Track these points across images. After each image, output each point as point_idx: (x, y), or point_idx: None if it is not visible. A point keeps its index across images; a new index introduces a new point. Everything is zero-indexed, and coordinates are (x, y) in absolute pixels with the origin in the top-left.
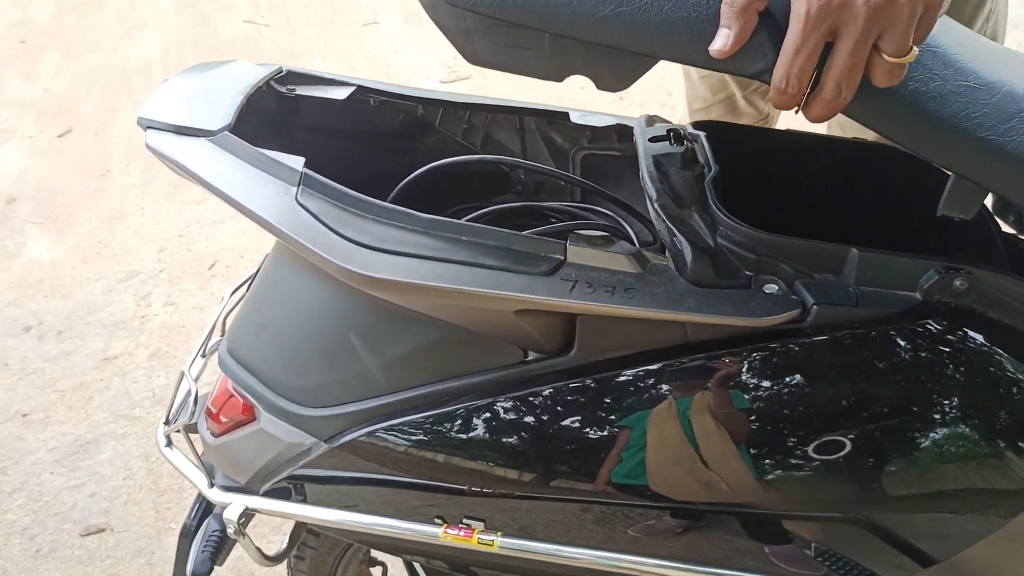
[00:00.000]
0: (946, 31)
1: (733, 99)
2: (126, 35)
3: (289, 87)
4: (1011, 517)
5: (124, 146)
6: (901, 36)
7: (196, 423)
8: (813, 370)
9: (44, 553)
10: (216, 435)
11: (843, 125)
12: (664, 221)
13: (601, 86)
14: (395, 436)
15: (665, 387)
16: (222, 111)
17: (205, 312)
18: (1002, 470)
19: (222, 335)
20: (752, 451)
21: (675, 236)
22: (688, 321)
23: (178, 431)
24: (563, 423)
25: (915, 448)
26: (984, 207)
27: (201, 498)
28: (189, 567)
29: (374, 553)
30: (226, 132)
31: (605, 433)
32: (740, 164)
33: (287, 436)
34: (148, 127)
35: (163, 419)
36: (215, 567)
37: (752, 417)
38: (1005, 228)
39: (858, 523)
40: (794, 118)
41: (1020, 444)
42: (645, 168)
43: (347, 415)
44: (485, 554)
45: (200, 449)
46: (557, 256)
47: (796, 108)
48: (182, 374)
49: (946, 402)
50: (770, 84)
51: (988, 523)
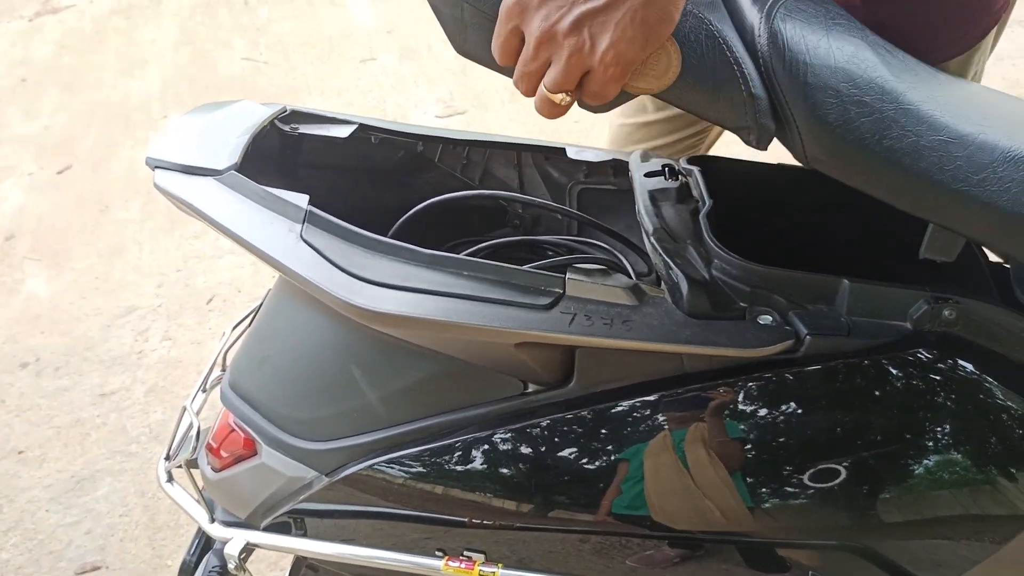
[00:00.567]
0: (917, 87)
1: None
2: (125, 72)
3: (293, 126)
4: (1005, 543)
5: (123, 182)
6: (556, 78)
7: (197, 458)
8: (807, 399)
9: None
10: (217, 470)
11: None
12: (660, 254)
13: (583, 106)
14: (396, 469)
15: (663, 417)
16: (228, 150)
17: (203, 347)
18: (995, 496)
19: (223, 370)
20: (749, 480)
21: (671, 269)
22: (684, 352)
23: (179, 466)
24: (562, 454)
25: (909, 475)
26: None
27: (201, 534)
28: None
29: None
30: (232, 171)
31: (604, 463)
32: (734, 198)
33: (288, 470)
34: (156, 167)
35: (164, 454)
36: None
37: (748, 446)
38: (992, 257)
39: (854, 550)
40: (785, 152)
41: (1012, 470)
42: (641, 203)
43: (348, 448)
44: None
45: (201, 484)
46: (556, 290)
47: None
48: (184, 409)
49: (938, 429)
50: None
51: (982, 549)
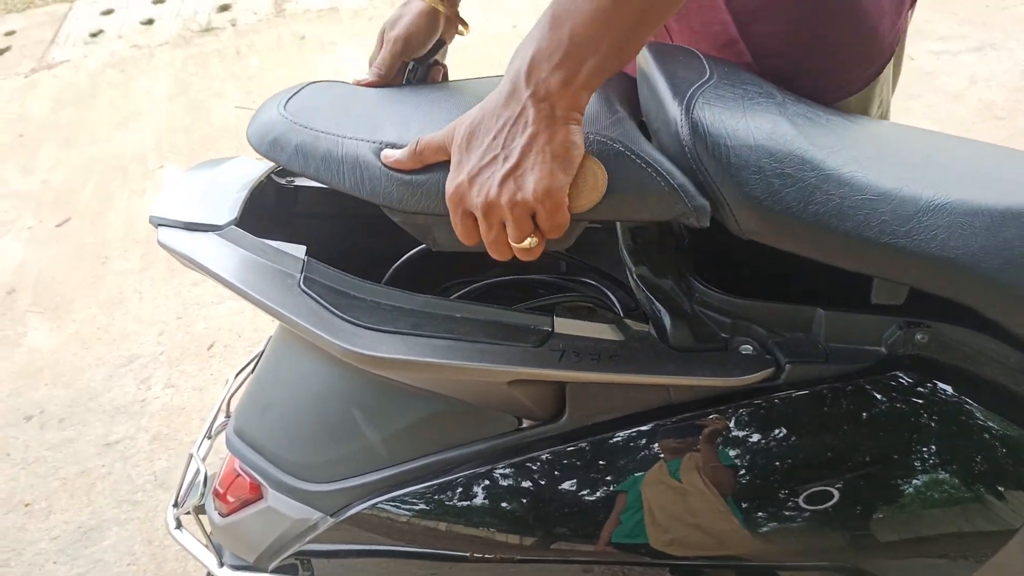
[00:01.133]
0: (838, 150)
1: None
2: (121, 125)
3: (288, 179)
4: (989, 557)
5: (121, 233)
6: (514, 232)
7: (204, 504)
8: (791, 424)
9: None
10: (224, 515)
11: None
12: (643, 290)
13: (552, 246)
14: (398, 507)
15: (653, 447)
16: (227, 206)
17: (205, 393)
18: (979, 512)
19: (227, 416)
20: (741, 505)
21: (654, 304)
22: (670, 384)
23: (187, 513)
24: (559, 486)
25: (894, 495)
26: None
27: None
28: None
29: None
30: (232, 226)
31: (600, 494)
32: (713, 233)
33: (294, 512)
34: (159, 225)
35: (172, 501)
36: None
37: (737, 472)
38: None
39: (846, 571)
40: None
41: (994, 487)
42: (623, 241)
43: (351, 489)
44: None
45: (208, 529)
46: (545, 328)
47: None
48: (191, 456)
49: (920, 449)
50: None
51: (967, 565)
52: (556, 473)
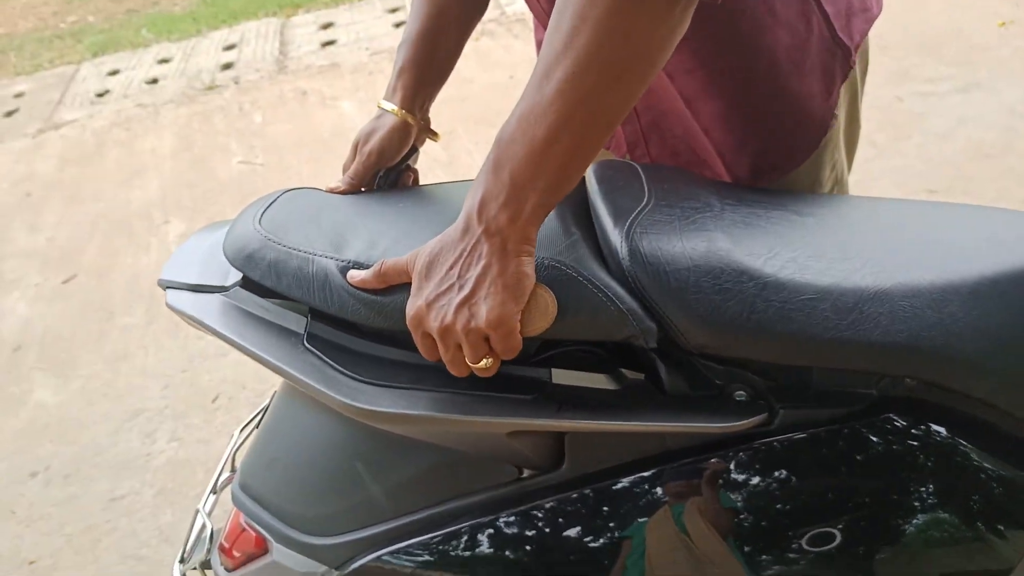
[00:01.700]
0: (776, 253)
1: None
2: (126, 182)
3: None
4: None
5: (126, 288)
6: (470, 354)
7: (210, 559)
8: (787, 467)
9: None
10: (230, 570)
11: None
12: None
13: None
14: (402, 559)
15: (651, 493)
16: (233, 268)
17: (210, 446)
18: (975, 552)
19: (232, 470)
20: (743, 548)
21: (649, 352)
22: (666, 431)
23: (194, 568)
24: (561, 535)
25: (892, 536)
26: None
27: None
28: None
29: None
30: (237, 287)
31: (602, 541)
32: None
33: (299, 566)
34: (167, 287)
35: (178, 557)
36: None
37: (736, 515)
38: None
39: None
40: None
41: (987, 526)
42: None
43: (356, 542)
44: None
45: None
46: (543, 379)
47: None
48: (196, 511)
49: (914, 489)
50: None
51: None
52: (558, 521)
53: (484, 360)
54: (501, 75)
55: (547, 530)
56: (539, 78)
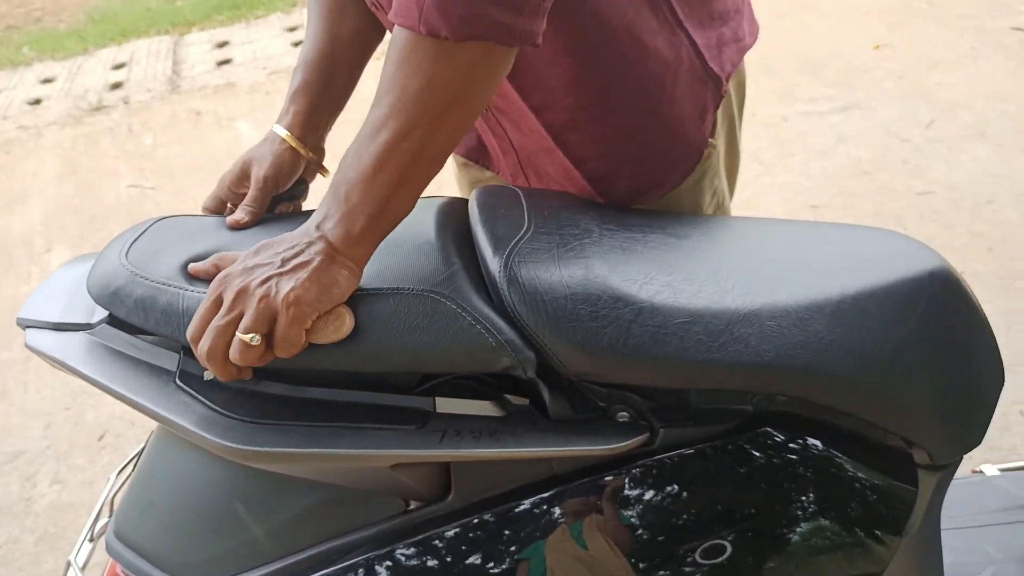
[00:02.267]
0: (651, 278)
1: None
2: (5, 208)
3: None
4: None
5: (4, 321)
6: (249, 320)
7: None
8: (671, 484)
9: None
10: None
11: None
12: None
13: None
14: None
15: (540, 518)
16: None
17: (96, 487)
18: (850, 557)
19: (110, 516)
20: (639, 566)
21: (533, 377)
22: (551, 455)
23: None
24: (452, 565)
25: (778, 545)
26: None
27: None
28: None
29: None
30: (104, 324)
31: (495, 569)
32: None
33: None
34: (27, 327)
35: None
36: None
37: (627, 534)
38: None
39: None
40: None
41: (862, 532)
42: None
43: None
44: None
45: None
46: (427, 409)
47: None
48: (68, 563)
49: (793, 499)
50: None
51: None
52: (448, 551)
53: (253, 335)
54: None
55: (438, 561)
56: (372, 108)
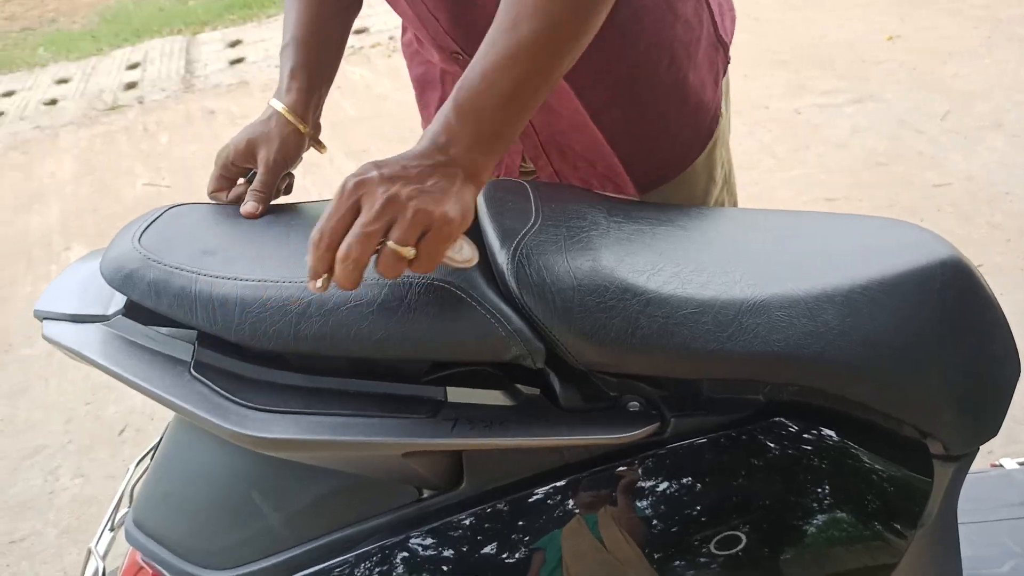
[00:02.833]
0: (659, 269)
1: None
2: (24, 207)
3: None
4: None
5: (24, 318)
6: (403, 231)
7: None
8: (684, 474)
9: None
10: None
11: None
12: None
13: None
14: None
15: (552, 507)
16: (116, 296)
17: (116, 480)
18: (865, 549)
19: (129, 506)
20: (653, 556)
21: (544, 367)
22: (562, 444)
23: None
24: (465, 553)
25: (793, 536)
26: None
27: None
28: None
29: None
30: (120, 316)
31: (507, 558)
32: None
33: None
34: (44, 318)
35: None
36: None
37: (638, 524)
38: None
39: None
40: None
41: (877, 523)
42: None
43: (256, 573)
44: None
45: None
46: (438, 398)
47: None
48: (89, 551)
49: (807, 490)
50: None
51: None
52: (461, 540)
53: (409, 248)
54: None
55: (452, 549)
56: (504, 31)
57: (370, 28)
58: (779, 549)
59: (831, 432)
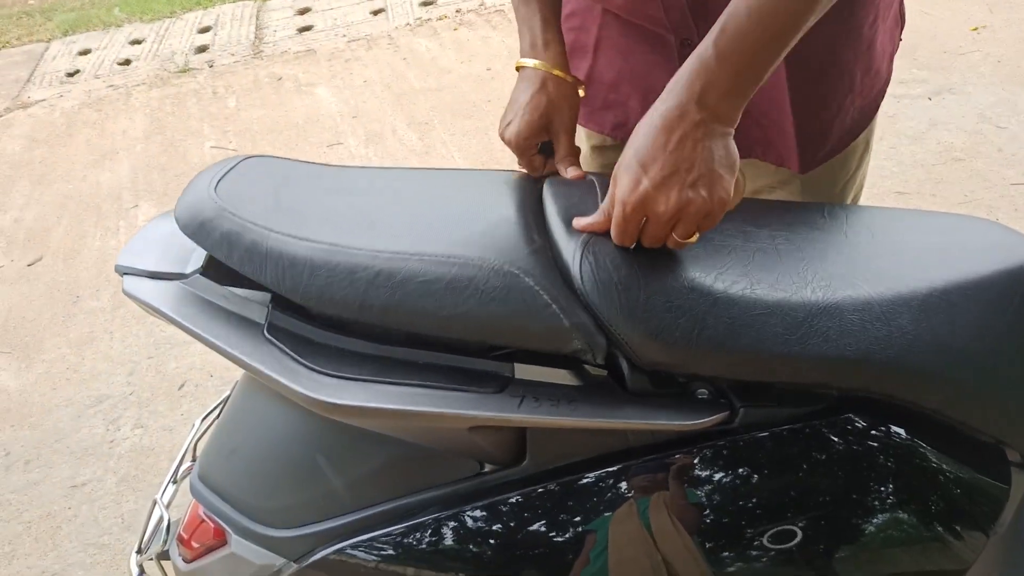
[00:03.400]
0: (727, 270)
1: None
2: (96, 163)
3: None
4: None
5: (93, 271)
6: (688, 228)
7: (168, 550)
8: (748, 465)
9: None
10: (188, 561)
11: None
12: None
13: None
14: (362, 552)
15: (613, 490)
16: (194, 255)
17: (175, 433)
18: (932, 551)
19: (193, 460)
20: (705, 545)
21: (613, 350)
22: (628, 428)
23: (151, 559)
24: (522, 530)
25: (852, 534)
26: None
27: None
28: None
29: None
30: (197, 275)
31: (562, 536)
32: None
33: (258, 558)
34: (124, 274)
35: (135, 548)
36: None
37: (698, 512)
38: None
39: None
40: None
41: (945, 526)
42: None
43: (316, 534)
44: None
45: None
46: (505, 374)
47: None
48: (154, 501)
49: (873, 488)
50: None
51: None
52: (519, 516)
53: (695, 235)
54: (479, 67)
55: (509, 525)
56: None
57: (437, 0)
58: (838, 548)
59: (901, 430)
